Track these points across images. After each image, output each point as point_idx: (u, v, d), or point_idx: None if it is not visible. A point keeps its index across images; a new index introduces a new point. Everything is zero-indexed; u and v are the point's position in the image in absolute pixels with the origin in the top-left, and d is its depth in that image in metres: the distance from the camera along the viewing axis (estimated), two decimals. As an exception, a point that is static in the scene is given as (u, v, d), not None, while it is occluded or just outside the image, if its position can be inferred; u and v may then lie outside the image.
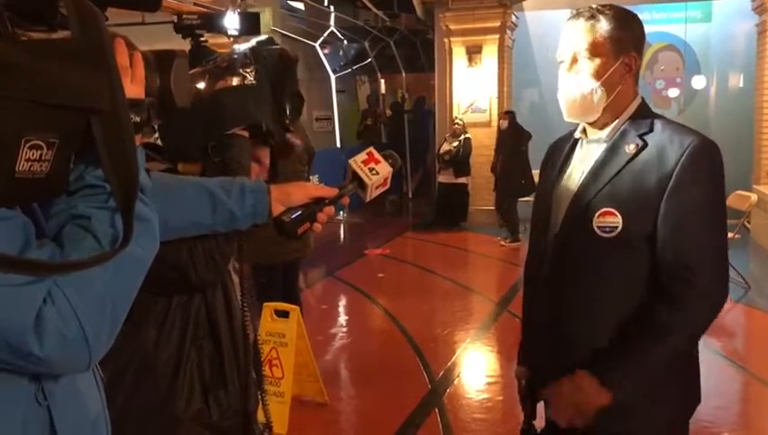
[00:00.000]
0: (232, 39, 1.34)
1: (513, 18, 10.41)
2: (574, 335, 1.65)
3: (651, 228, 1.53)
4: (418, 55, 13.19)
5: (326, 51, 12.58)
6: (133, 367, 1.60)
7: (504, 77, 10.28)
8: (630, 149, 1.58)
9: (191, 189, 1.30)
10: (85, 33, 0.83)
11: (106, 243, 0.86)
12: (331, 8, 11.17)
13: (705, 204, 1.54)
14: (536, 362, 1.81)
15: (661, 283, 1.54)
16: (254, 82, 1.51)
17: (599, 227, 1.56)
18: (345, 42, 12.80)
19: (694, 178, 1.51)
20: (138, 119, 0.96)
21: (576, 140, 1.73)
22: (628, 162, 1.57)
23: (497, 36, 10.08)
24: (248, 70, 1.50)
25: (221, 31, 1.21)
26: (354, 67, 13.70)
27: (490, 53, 10.14)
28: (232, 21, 1.37)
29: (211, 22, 1.15)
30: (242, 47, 1.53)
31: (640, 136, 1.58)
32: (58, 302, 0.83)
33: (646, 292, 1.56)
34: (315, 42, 11.68)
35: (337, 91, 13.18)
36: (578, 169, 1.68)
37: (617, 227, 1.55)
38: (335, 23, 11.52)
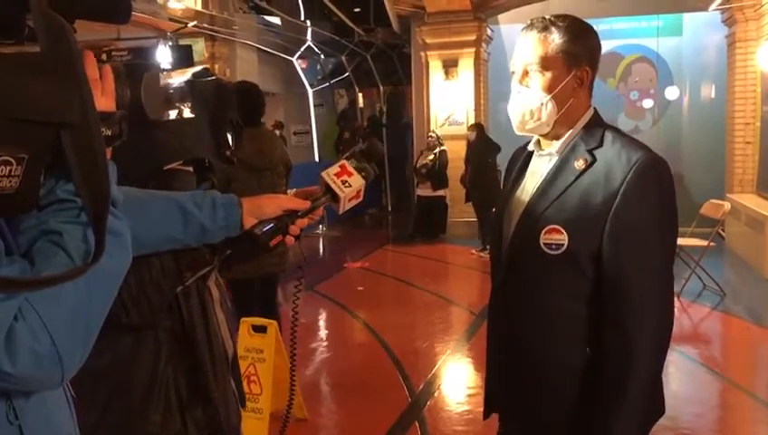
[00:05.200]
0: (165, 72, 1.33)
1: (489, 32, 10.52)
2: (525, 346, 1.65)
3: (597, 247, 1.50)
4: (395, 69, 13.27)
5: (303, 65, 12.61)
6: (106, 385, 1.57)
7: (480, 90, 10.37)
8: (579, 164, 1.55)
9: (161, 203, 1.28)
10: (54, 47, 0.83)
11: (78, 258, 0.85)
12: (308, 23, 11.20)
13: (651, 224, 1.50)
14: (492, 364, 1.81)
15: (606, 307, 1.52)
16: (191, 115, 1.50)
17: (545, 244, 1.54)
18: (322, 56, 12.84)
19: (639, 198, 1.48)
20: (109, 132, 0.95)
21: (530, 153, 1.72)
22: (576, 179, 1.54)
23: (473, 50, 10.17)
24: (185, 103, 1.49)
25: (154, 66, 1.20)
26: (332, 81, 13.74)
27: (466, 66, 10.22)
28: (164, 54, 1.36)
29: (143, 56, 1.14)
30: (177, 80, 1.51)
31: (590, 151, 1.55)
32: (29, 318, 0.81)
33: (592, 308, 1.55)
34: (292, 56, 11.70)
35: (315, 105, 13.20)
36: (530, 183, 1.67)
37: (563, 245, 1.53)
38: (312, 37, 11.55)
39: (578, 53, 1.57)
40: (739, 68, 8.75)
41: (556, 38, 1.56)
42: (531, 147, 1.72)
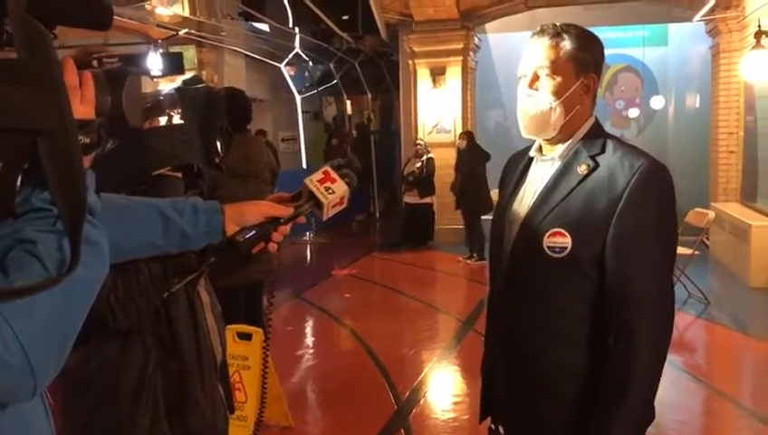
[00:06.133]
0: (155, 79, 1.34)
1: (476, 40, 10.56)
2: (527, 349, 1.66)
3: (600, 250, 1.53)
4: (384, 76, 13.29)
5: (291, 72, 12.60)
6: (94, 390, 1.57)
7: (467, 98, 10.40)
8: (582, 169, 1.58)
9: (142, 210, 1.27)
10: (31, 53, 0.81)
11: (53, 267, 0.83)
12: (296, 30, 11.20)
13: (653, 228, 1.54)
14: (491, 373, 1.82)
15: (609, 309, 1.54)
16: (181, 121, 1.50)
17: (549, 248, 1.56)
18: (310, 63, 12.83)
19: (642, 202, 1.51)
20: (87, 140, 0.94)
21: (531, 158, 1.74)
22: (579, 183, 1.57)
23: (460, 58, 10.21)
24: (175, 110, 1.50)
25: (144, 72, 1.19)
26: (320, 88, 13.73)
27: (454, 74, 10.26)
28: (154, 62, 1.36)
29: (133, 63, 1.14)
30: (168, 87, 1.52)
31: (592, 157, 1.59)
32: (1, 329, 0.80)
33: (594, 310, 1.57)
34: (280, 63, 11.68)
35: (303, 112, 13.19)
36: (531, 188, 1.69)
37: (566, 248, 1.55)
38: (300, 44, 11.54)
39: (586, 60, 1.61)
40: (723, 78, 8.83)
41: (567, 45, 1.60)
42: (532, 153, 1.74)
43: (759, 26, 6.98)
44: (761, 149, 7.69)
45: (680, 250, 6.45)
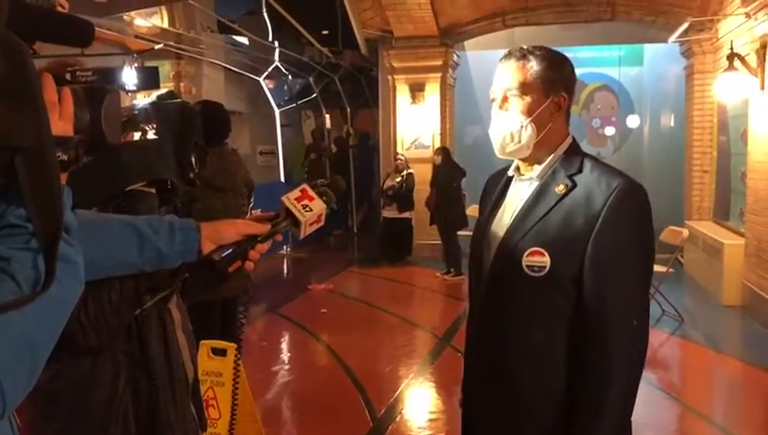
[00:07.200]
0: (130, 94, 1.35)
1: (455, 57, 10.65)
2: (505, 367, 1.67)
3: (578, 269, 1.55)
4: (363, 91, 13.32)
5: (271, 85, 12.58)
6: (64, 408, 1.54)
7: (446, 114, 10.47)
8: (560, 189, 1.60)
9: (117, 228, 1.26)
10: (10, 69, 0.81)
11: (26, 286, 0.82)
12: (276, 43, 11.21)
13: (631, 247, 1.56)
14: (470, 389, 1.82)
15: (586, 326, 1.55)
16: (155, 136, 1.50)
17: (527, 267, 1.58)
18: (290, 77, 12.83)
19: (619, 221, 1.54)
20: (65, 157, 0.93)
21: (510, 178, 1.76)
22: (556, 203, 1.59)
23: (439, 74, 10.29)
24: (149, 125, 1.49)
25: (120, 87, 1.19)
26: (299, 102, 13.72)
27: (433, 90, 10.33)
28: (130, 76, 1.36)
29: (108, 78, 1.13)
30: (142, 102, 1.52)
31: (569, 176, 1.61)
32: None
33: (572, 329, 1.58)
34: (259, 76, 11.67)
35: (282, 125, 13.16)
36: (510, 208, 1.70)
37: (545, 267, 1.56)
38: (279, 58, 11.55)
39: (555, 79, 1.63)
40: (697, 99, 8.99)
41: (534, 65, 1.62)
42: (510, 172, 1.75)
43: (731, 49, 7.12)
44: (733, 168, 7.82)
45: (655, 267, 6.52)
